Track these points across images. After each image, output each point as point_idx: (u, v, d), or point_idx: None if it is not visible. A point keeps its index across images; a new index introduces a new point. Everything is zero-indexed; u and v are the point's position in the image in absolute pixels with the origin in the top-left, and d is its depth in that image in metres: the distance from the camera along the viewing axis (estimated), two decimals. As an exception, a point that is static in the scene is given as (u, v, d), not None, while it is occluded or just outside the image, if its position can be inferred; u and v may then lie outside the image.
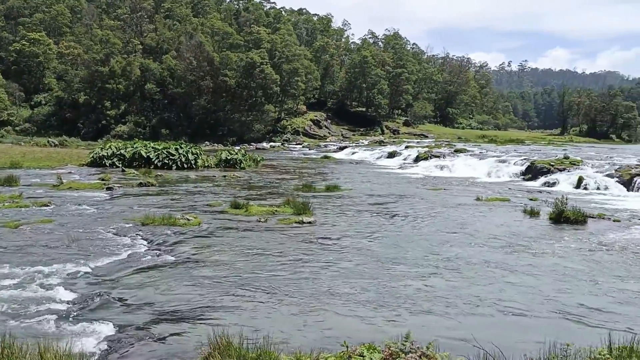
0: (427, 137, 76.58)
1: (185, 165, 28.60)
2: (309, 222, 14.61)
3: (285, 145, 61.75)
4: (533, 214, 17.13)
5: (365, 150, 48.32)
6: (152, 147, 29.30)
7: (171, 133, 59.02)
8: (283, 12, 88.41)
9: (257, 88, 65.05)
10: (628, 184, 24.80)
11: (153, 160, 28.30)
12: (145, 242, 11.77)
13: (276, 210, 16.26)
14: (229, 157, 30.90)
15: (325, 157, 43.10)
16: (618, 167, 27.59)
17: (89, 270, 9.54)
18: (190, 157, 28.89)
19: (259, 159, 33.99)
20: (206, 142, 57.67)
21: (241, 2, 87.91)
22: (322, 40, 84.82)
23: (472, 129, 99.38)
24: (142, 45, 66.02)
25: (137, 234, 12.48)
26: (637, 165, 27.87)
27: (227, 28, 68.23)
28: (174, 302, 8.01)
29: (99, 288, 8.58)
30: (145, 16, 68.61)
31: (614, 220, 16.47)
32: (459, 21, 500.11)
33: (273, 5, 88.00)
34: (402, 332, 5.25)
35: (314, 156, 45.21)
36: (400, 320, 7.46)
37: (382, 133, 78.11)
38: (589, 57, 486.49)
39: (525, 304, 8.31)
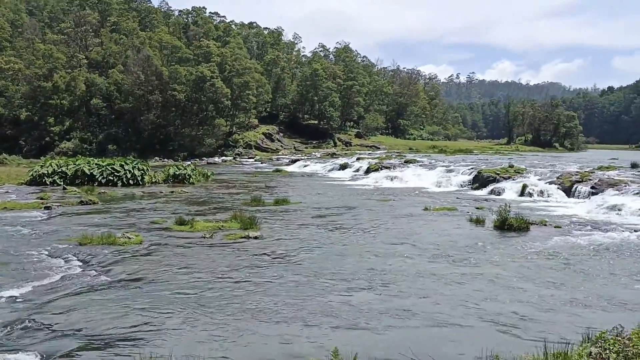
0: (379, 148, 77.37)
1: (132, 182, 27.78)
2: (255, 237, 14.36)
3: (237, 159, 61.14)
4: (479, 222, 17.40)
5: (317, 162, 48.28)
6: (96, 164, 28.35)
7: (119, 149, 57.49)
8: (233, 26, 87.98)
9: (207, 102, 64.25)
10: (569, 191, 25.56)
11: (97, 177, 27.37)
12: (80, 263, 11.25)
13: (222, 226, 15.93)
14: (177, 173, 30.23)
15: (277, 170, 42.81)
16: (559, 174, 28.43)
17: (15, 294, 8.99)
18: (137, 173, 28.10)
19: (208, 174, 33.41)
20: (156, 158, 56.47)
21: (190, 15, 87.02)
22: (272, 53, 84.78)
23: (423, 139, 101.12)
24: (88, 59, 64.24)
25: (72, 255, 11.93)
26: (577, 172, 28.79)
27: (175, 42, 67.25)
28: (105, 326, 7.61)
29: (25, 314, 8.07)
30: (91, 30, 66.85)
31: (554, 227, 16.89)
32: (409, 34, 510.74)
33: (223, 19, 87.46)
34: (329, 348, 5.08)
35: (266, 170, 44.87)
36: (327, 336, 7.33)
37: (335, 145, 78.47)
38: (533, 68, 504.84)
39: (458, 314, 8.32)
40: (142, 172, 28.53)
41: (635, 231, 16.24)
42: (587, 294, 9.49)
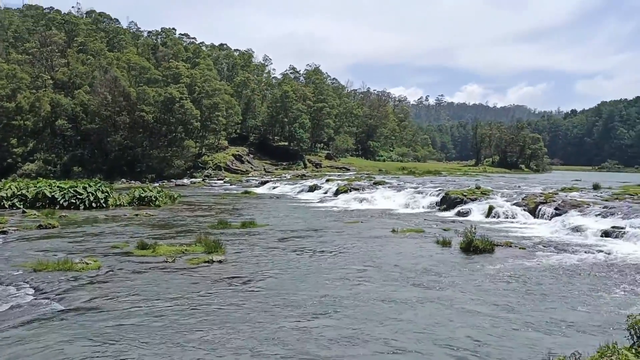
0: (349, 170, 77.68)
1: (95, 205, 27.14)
2: (219, 261, 14.09)
3: (207, 181, 60.51)
4: (445, 244, 17.45)
5: (286, 184, 48.11)
6: (58, 186, 27.63)
7: (85, 171, 56.36)
8: (203, 48, 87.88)
9: (176, 123, 63.72)
10: (533, 212, 25.93)
11: (59, 200, 26.66)
12: (32, 291, 10.80)
13: (186, 250, 15.59)
14: (142, 195, 29.69)
15: (246, 192, 42.48)
16: (525, 196, 28.86)
17: (-41, 326, 8.54)
18: (100, 195, 27.48)
19: (175, 196, 32.92)
20: (122, 180, 55.52)
21: (159, 37, 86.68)
22: (243, 75, 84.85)
23: (392, 161, 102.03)
24: (53, 80, 63.22)
25: (25, 282, 11.46)
26: (541, 194, 29.30)
27: (144, 62, 66.75)
28: (53, 359, 7.25)
29: (-34, 347, 7.66)
30: (57, 50, 65.93)
31: (519, 248, 17.05)
32: (379, 57, 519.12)
33: (193, 40, 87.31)
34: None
35: (235, 191, 44.47)
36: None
37: (305, 167, 78.49)
38: (500, 92, 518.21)
39: (411, 340, 8.23)
40: (105, 194, 27.92)
41: (597, 252, 16.52)
42: (545, 317, 9.50)
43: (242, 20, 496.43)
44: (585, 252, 16.34)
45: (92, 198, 27.06)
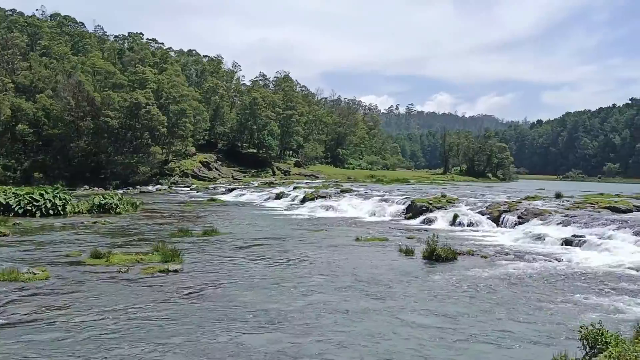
0: (317, 177, 77.56)
1: (52, 212, 26.27)
2: (175, 271, 13.67)
3: (173, 188, 59.53)
4: (408, 253, 17.35)
5: (253, 192, 47.65)
6: (13, 193, 26.67)
7: (46, 177, 54.78)
8: (171, 53, 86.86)
9: (142, 129, 62.63)
10: (497, 220, 26.13)
11: (13, 207, 25.69)
12: (-29, 303, 10.22)
13: (142, 259, 15.10)
14: (103, 202, 28.91)
15: (212, 199, 41.88)
16: (489, 204, 29.09)
17: None
18: (58, 202, 26.62)
19: (138, 203, 32.16)
20: (85, 186, 54.18)
21: (126, 41, 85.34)
22: (211, 81, 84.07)
23: (361, 169, 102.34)
24: (14, 83, 61.43)
25: (-36, 294, 10.85)
26: (505, 202, 29.58)
27: (109, 67, 65.48)
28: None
29: None
30: (18, 53, 64.21)
31: (481, 257, 17.06)
32: (351, 65, 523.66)
33: (160, 45, 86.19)
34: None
35: (201, 199, 43.80)
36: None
37: (273, 174, 78.07)
38: (469, 101, 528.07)
39: (351, 355, 7.98)
40: (63, 201, 27.07)
41: (557, 260, 16.63)
42: (498, 328, 9.38)
43: (213, 27, 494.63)
44: (546, 261, 16.43)
45: (49, 205, 26.19)
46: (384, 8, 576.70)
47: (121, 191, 50.02)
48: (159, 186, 60.24)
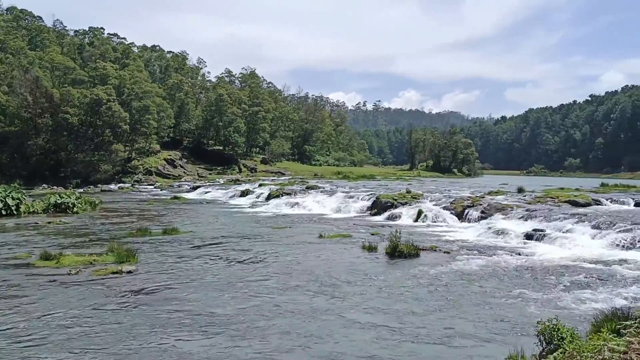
0: (284, 174, 77.13)
1: (4, 212, 25.25)
2: (129, 272, 13.18)
3: (136, 186, 58.25)
4: (371, 249, 17.20)
5: (218, 189, 46.99)
6: (-37, 193, 25.59)
7: (2, 176, 52.81)
8: (134, 48, 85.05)
9: (104, 126, 61.16)
10: (461, 216, 26.26)
11: (-37, 207, 24.65)
12: None
13: (95, 260, 14.53)
14: (59, 201, 27.97)
15: (175, 197, 41.04)
16: (453, 199, 29.22)
17: None
18: (10, 202, 25.61)
19: (97, 202, 31.27)
20: (44, 185, 52.57)
21: (87, 36, 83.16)
22: (176, 77, 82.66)
23: (329, 165, 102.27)
24: (-32, 79, 59.32)
25: None
26: (469, 197, 29.76)
27: (68, 62, 63.65)
28: None
29: None
30: (-28, 48, 62.02)
31: (444, 252, 17.03)
32: (320, 62, 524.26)
33: (122, 40, 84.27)
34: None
35: (164, 197, 42.91)
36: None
37: (240, 171, 77.32)
38: (436, 98, 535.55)
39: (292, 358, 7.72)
40: (17, 201, 26.07)
41: (518, 254, 16.70)
42: (452, 325, 9.23)
43: (180, 23, 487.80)
44: (507, 255, 16.49)
45: (1, 205, 25.18)
46: (351, 6, 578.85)
47: (81, 190, 48.76)
48: (121, 184, 58.89)
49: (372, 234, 21.32)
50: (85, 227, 22.63)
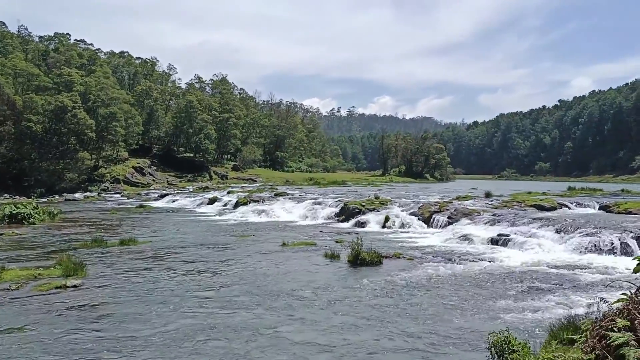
0: (255, 181, 76.45)
1: (-45, 224, 24.17)
2: (74, 286, 12.49)
3: (102, 195, 56.87)
4: (333, 257, 16.83)
5: (186, 197, 46.13)
6: None
7: (-38, 186, 51.21)
8: (101, 55, 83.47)
9: (69, 134, 59.55)
10: (428, 221, 26.06)
11: None
12: None
13: (40, 274, 13.78)
14: (14, 212, 26.91)
15: (141, 206, 40.07)
16: (420, 205, 29.03)
17: None
18: (-38, 213, 24.54)
19: (56, 212, 30.23)
20: (5, 195, 50.84)
21: (52, 42, 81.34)
22: (145, 84, 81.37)
23: (301, 171, 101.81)
24: None
25: None
26: (436, 202, 29.62)
27: (32, 69, 62.10)
28: None
29: None
30: None
31: (407, 259, 16.71)
32: (294, 69, 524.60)
33: (89, 46, 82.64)
34: None
35: (130, 206, 41.88)
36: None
37: (210, 179, 76.34)
38: (410, 103, 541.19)
39: None
40: (-31, 212, 24.99)
41: (481, 260, 16.47)
42: (404, 337, 8.84)
43: (152, 30, 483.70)
44: (471, 261, 16.26)
45: (-49, 217, 24.09)
46: (323, 12, 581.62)
47: (45, 199, 47.40)
48: (87, 193, 57.47)
49: (337, 242, 20.93)
50: (38, 239, 21.71)
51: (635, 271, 4.90)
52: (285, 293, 11.92)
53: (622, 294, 4.65)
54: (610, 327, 4.14)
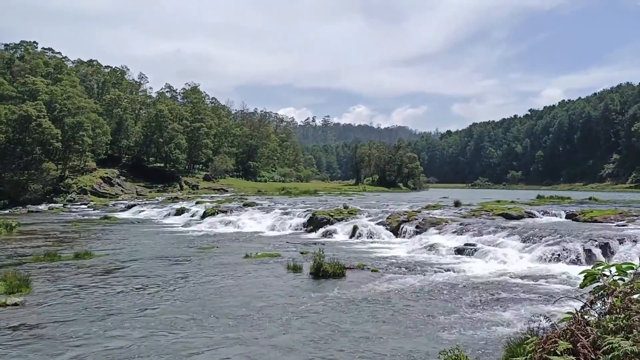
0: (227, 191, 75.57)
1: None
2: (14, 304, 11.76)
3: (68, 206, 55.42)
4: (296, 269, 16.38)
5: (154, 208, 45.13)
6: None
7: None
8: (68, 63, 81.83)
9: (33, 144, 58.06)
10: (396, 231, 25.77)
11: None
12: None
13: (-20, 291, 12.99)
14: (-32, 225, 25.83)
15: (105, 217, 39.01)
16: (389, 214, 28.74)
17: None
18: None
19: (13, 225, 29.14)
20: (-35, 207, 49.27)
21: (18, 50, 79.52)
22: (113, 93, 80.00)
23: (274, 181, 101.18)
24: None
25: None
26: (405, 212, 29.38)
27: (-5, 77, 60.56)
28: None
29: None
30: None
31: (372, 271, 16.33)
32: (268, 78, 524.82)
33: (55, 55, 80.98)
34: None
35: (94, 217, 40.76)
36: None
37: (181, 189, 75.23)
38: (385, 113, 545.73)
39: None
40: None
41: (446, 271, 16.16)
42: (355, 357, 8.40)
43: (121, 38, 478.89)
44: (435, 272, 15.95)
45: None
46: (295, 22, 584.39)
47: (7, 211, 45.96)
48: (52, 205, 55.91)
49: (302, 253, 20.46)
50: (-10, 253, 20.74)
51: (582, 286, 4.56)
52: (234, 310, 11.34)
53: (568, 312, 4.29)
54: (552, 349, 3.77)
